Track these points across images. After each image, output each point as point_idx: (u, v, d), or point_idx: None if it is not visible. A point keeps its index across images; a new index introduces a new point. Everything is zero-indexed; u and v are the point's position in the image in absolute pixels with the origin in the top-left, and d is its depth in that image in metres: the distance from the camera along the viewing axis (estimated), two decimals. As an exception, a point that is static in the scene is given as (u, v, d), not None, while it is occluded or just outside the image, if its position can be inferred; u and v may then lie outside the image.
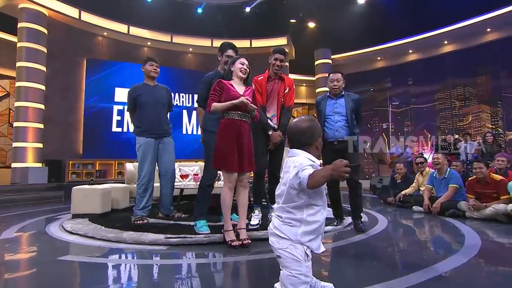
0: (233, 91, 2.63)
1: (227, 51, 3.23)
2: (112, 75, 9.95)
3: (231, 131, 2.56)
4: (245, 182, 2.64)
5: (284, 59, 3.23)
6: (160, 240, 2.67)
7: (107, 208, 4.05)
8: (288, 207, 1.39)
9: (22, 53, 8.13)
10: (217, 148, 2.59)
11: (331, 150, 3.20)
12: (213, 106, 2.59)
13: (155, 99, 3.68)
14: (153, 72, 3.73)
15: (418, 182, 5.17)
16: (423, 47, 11.31)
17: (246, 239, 2.50)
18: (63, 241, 2.83)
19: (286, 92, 3.23)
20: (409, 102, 11.70)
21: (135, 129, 3.71)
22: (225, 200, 2.54)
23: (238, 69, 2.70)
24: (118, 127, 9.95)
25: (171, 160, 3.80)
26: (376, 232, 3.19)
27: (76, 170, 8.98)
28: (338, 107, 3.30)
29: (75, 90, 9.53)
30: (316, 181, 1.30)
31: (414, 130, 11.52)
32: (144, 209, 3.54)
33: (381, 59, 12.37)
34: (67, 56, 9.42)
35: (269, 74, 3.26)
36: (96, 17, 9.79)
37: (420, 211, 4.50)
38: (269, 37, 11.74)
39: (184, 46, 11.46)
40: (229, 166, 2.52)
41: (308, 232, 1.36)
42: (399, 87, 12.03)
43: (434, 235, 3.27)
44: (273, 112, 3.20)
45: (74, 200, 3.84)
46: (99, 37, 10.24)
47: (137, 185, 3.61)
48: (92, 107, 9.63)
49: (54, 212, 4.72)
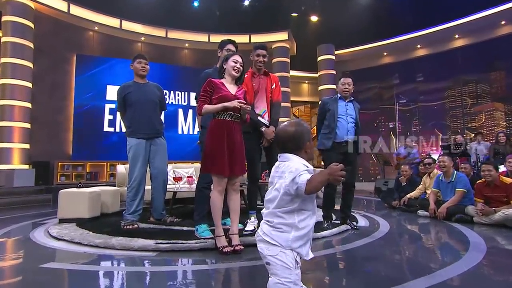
0: (225, 90, 2.64)
1: (226, 46, 3.29)
2: (104, 72, 9.97)
3: (222, 132, 2.59)
4: (236, 185, 2.67)
5: (266, 55, 3.30)
6: (150, 246, 2.70)
7: (96, 212, 4.07)
8: (280, 212, 1.43)
9: (7, 48, 8.17)
10: (206, 150, 2.62)
11: (338, 152, 3.43)
12: (204, 109, 2.62)
13: (145, 98, 3.71)
14: (141, 70, 3.76)
15: (425, 184, 5.18)
16: (433, 41, 11.30)
17: (238, 245, 2.53)
18: (47, 248, 2.85)
19: (273, 87, 3.33)
20: (417, 100, 11.71)
21: (126, 129, 3.75)
22: (215, 204, 2.56)
23: (231, 67, 2.71)
24: (110, 126, 9.99)
25: (164, 162, 3.83)
26: (376, 237, 3.21)
27: (65, 172, 9.01)
28: (350, 109, 3.62)
29: (64, 87, 9.57)
30: (314, 186, 1.35)
31: (423, 130, 11.54)
32: (135, 214, 3.57)
33: (387, 54, 12.38)
34: (55, 52, 9.45)
35: (253, 71, 3.32)
36: (86, 11, 9.81)
37: (426, 215, 4.52)
38: (269, 32, 11.74)
39: (179, 42, 11.49)
40: (219, 169, 2.54)
41: (298, 237, 1.39)
42: (406, 84, 12.04)
43: (438, 241, 3.29)
44: (263, 108, 3.25)
45: (61, 204, 3.87)
46: (89, 31, 10.28)
47: (128, 188, 3.64)
48: (82, 106, 9.66)
49: (40, 217, 4.75)
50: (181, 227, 3.40)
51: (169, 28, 11.18)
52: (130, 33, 10.70)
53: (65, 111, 9.56)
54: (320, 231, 3.24)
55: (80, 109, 9.64)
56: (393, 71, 12.28)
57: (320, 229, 3.29)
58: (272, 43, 11.56)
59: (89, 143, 9.62)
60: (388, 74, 12.36)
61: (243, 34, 11.52)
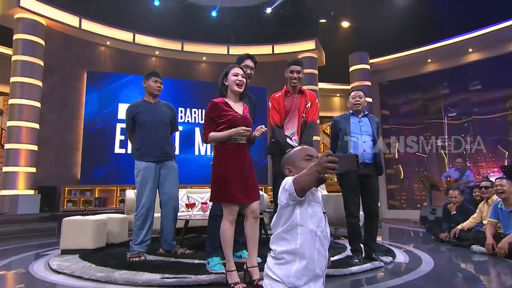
0: (232, 112, 2.71)
1: (244, 61, 3.41)
2: (116, 89, 10.43)
3: (232, 155, 2.64)
4: (256, 212, 2.67)
5: (301, 70, 3.43)
6: (155, 280, 2.72)
7: (102, 242, 4.17)
8: (283, 232, 1.48)
9: (17, 67, 8.76)
10: (214, 176, 2.67)
11: (354, 176, 3.40)
12: (210, 137, 2.69)
13: (156, 118, 3.85)
14: (157, 90, 3.93)
15: (482, 213, 4.94)
16: (489, 43, 10.83)
17: (260, 280, 2.48)
18: (46, 282, 2.94)
19: (308, 107, 3.42)
20: (471, 112, 11.27)
21: (134, 152, 3.88)
22: (226, 235, 2.58)
23: (233, 83, 2.77)
24: (121, 147, 10.31)
25: (174, 187, 3.91)
26: (416, 276, 3.07)
27: (72, 198, 9.35)
28: (364, 125, 3.59)
29: (74, 106, 10.07)
30: (302, 180, 1.41)
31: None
32: (142, 244, 3.63)
33: (432, 61, 12.14)
34: (65, 69, 10.03)
35: (287, 89, 3.47)
36: (98, 25, 10.41)
37: (482, 252, 4.23)
38: (294, 41, 11.92)
39: (196, 55, 11.86)
40: (231, 196, 2.57)
41: (302, 270, 1.38)
42: (457, 95, 11.68)
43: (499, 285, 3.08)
44: (293, 129, 3.37)
45: (64, 233, 3.99)
46: (101, 47, 10.86)
47: (135, 216, 3.73)
48: (92, 126, 10.09)
49: (44, 247, 4.92)
50: (192, 260, 3.41)
51: (185, 40, 11.59)
52: (143, 47, 11.18)
53: (75, 131, 10.01)
54: (349, 267, 3.17)
55: (90, 129, 10.05)
56: (439, 80, 11.98)
57: (348, 265, 3.22)
58: (298, 54, 11.71)
59: (99, 165, 9.97)
60: (433, 84, 12.07)
61: (266, 45, 11.79)
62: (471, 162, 10.92)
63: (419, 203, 11.33)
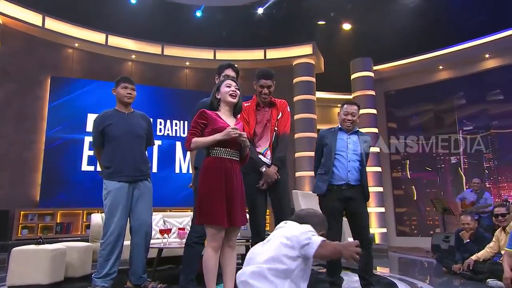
0: (221, 122, 2.75)
1: (224, 71, 3.49)
2: (84, 97, 10.36)
3: (218, 173, 2.66)
4: (233, 241, 2.70)
5: (272, 85, 3.46)
6: (119, 321, 2.67)
7: (59, 276, 4.08)
8: (270, 272, 1.52)
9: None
10: (200, 196, 2.67)
11: (336, 198, 3.49)
12: (193, 142, 2.71)
13: (129, 131, 3.83)
14: (127, 97, 3.90)
15: (499, 241, 4.95)
16: (508, 48, 10.93)
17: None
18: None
19: (279, 118, 3.47)
20: (490, 126, 11.40)
21: (103, 170, 3.84)
22: (209, 265, 2.58)
23: (225, 93, 2.84)
24: (89, 165, 10.18)
25: (147, 210, 3.88)
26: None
27: (29, 224, 9.16)
28: (352, 144, 3.64)
29: (34, 117, 9.94)
30: (327, 250, 1.62)
31: (499, 165, 11.15)
32: (107, 278, 3.59)
33: (444, 68, 12.32)
34: (25, 74, 9.90)
35: (257, 101, 3.51)
36: (65, 24, 10.37)
37: (500, 287, 4.25)
38: (289, 45, 12.03)
39: (179, 60, 11.89)
40: (217, 219, 2.58)
41: None
42: (473, 106, 11.84)
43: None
44: (265, 146, 3.42)
45: (12, 266, 3.87)
46: (68, 49, 10.83)
47: (101, 244, 3.69)
48: (56, 140, 9.96)
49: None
50: (166, 296, 3.37)
51: (166, 43, 11.66)
52: (118, 50, 11.18)
53: (34, 147, 9.86)
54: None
55: (53, 143, 9.92)
56: (453, 89, 12.11)
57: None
58: (292, 59, 11.86)
59: (62, 186, 9.81)
60: (446, 94, 12.21)
61: (257, 49, 11.86)
62: (490, 182, 10.98)
63: (432, 229, 11.33)
